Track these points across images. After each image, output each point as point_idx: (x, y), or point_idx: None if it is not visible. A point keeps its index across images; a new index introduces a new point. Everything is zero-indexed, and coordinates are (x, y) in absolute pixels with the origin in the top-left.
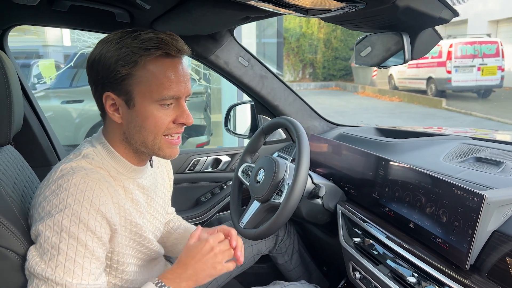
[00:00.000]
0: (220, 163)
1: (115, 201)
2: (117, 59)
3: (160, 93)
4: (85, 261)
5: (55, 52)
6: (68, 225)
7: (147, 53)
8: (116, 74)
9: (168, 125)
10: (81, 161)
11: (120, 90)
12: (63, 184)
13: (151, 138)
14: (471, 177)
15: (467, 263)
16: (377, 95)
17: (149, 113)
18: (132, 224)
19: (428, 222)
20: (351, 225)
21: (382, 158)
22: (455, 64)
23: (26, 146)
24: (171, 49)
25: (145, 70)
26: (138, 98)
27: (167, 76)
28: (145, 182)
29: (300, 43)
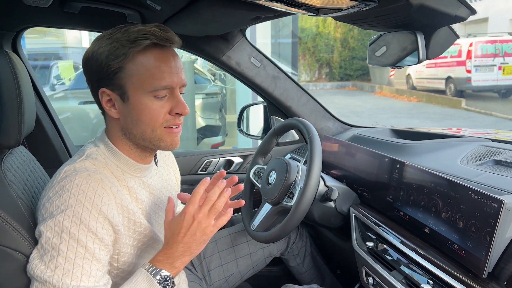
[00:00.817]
0: (232, 164)
1: (118, 201)
2: (108, 54)
3: (152, 84)
4: (85, 262)
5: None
6: (69, 226)
7: (135, 45)
8: (108, 68)
9: (165, 117)
10: (85, 162)
11: (114, 85)
12: (66, 185)
13: (149, 130)
14: (489, 181)
15: (485, 271)
16: (394, 95)
17: (143, 106)
18: (136, 224)
19: (444, 227)
20: (364, 229)
21: (397, 161)
22: (475, 63)
23: (39, 147)
24: (159, 39)
25: (135, 62)
26: (132, 91)
27: (157, 66)
28: (151, 181)
29: (316, 43)
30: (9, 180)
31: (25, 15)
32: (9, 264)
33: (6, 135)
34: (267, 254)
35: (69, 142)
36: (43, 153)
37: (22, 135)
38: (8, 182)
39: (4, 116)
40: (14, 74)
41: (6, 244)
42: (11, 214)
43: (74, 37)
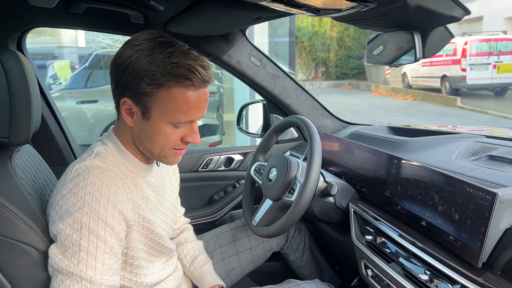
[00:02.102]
0: (232, 161)
1: (129, 197)
2: (144, 74)
3: (177, 117)
4: (105, 256)
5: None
6: (87, 222)
7: (175, 80)
8: (139, 88)
9: (176, 142)
10: (95, 160)
11: (139, 102)
12: (80, 183)
13: (159, 149)
14: (483, 175)
15: (480, 261)
16: (390, 94)
17: (161, 130)
18: (144, 220)
19: (441, 220)
20: (363, 223)
21: (394, 157)
22: (470, 62)
23: (43, 145)
24: (199, 81)
25: (168, 93)
26: (155, 114)
27: (187, 102)
28: (153, 180)
29: (312, 42)
30: (19, 176)
31: (30, 16)
32: (21, 258)
33: (16, 132)
34: (267, 249)
35: (72, 140)
36: (47, 151)
37: (31, 133)
38: (18, 179)
39: (14, 114)
40: (23, 73)
41: (18, 238)
42: (23, 209)
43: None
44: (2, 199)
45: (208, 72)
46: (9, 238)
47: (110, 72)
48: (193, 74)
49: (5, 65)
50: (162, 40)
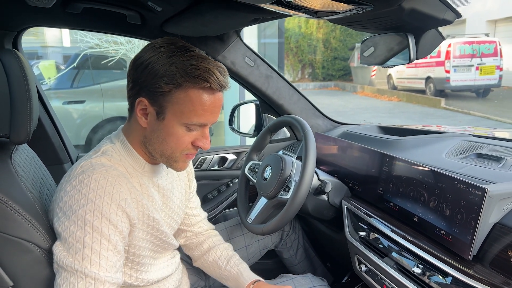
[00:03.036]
0: (226, 161)
1: (133, 196)
2: (163, 74)
3: (190, 119)
4: (109, 254)
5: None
6: (91, 219)
7: (193, 81)
8: (157, 87)
9: (187, 146)
10: (101, 158)
11: (155, 101)
12: (84, 180)
13: (170, 152)
14: (472, 172)
15: (470, 253)
16: (376, 95)
17: (174, 131)
18: (150, 218)
19: (432, 215)
20: (356, 220)
21: (386, 155)
22: (453, 64)
23: (39, 145)
24: (216, 84)
25: (185, 94)
26: (169, 115)
27: (202, 105)
28: (161, 181)
29: (299, 44)
30: (20, 175)
31: (27, 15)
32: (24, 256)
33: (17, 131)
34: (262, 247)
35: (67, 140)
36: (43, 151)
37: (31, 131)
38: (19, 177)
39: (15, 113)
40: (23, 72)
41: (21, 236)
42: (25, 207)
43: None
44: (4, 196)
45: (225, 77)
46: (11, 236)
47: (128, 73)
48: (211, 76)
49: (6, 64)
50: (182, 45)
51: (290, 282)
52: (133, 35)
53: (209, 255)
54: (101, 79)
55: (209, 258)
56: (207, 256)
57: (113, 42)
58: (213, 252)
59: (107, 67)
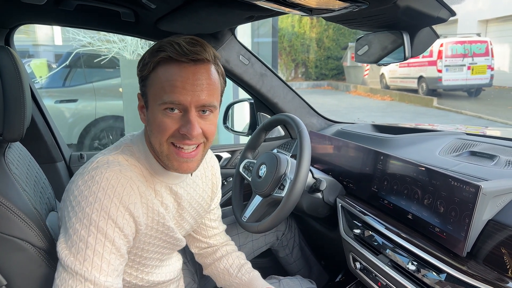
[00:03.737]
0: (220, 159)
1: (144, 201)
2: (141, 61)
3: (161, 97)
4: (111, 257)
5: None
6: (97, 219)
7: (154, 56)
8: (140, 75)
9: (172, 133)
10: (119, 156)
11: (143, 92)
12: (96, 177)
13: (158, 143)
14: (466, 170)
15: (464, 250)
16: (368, 94)
17: (155, 117)
18: (164, 226)
19: (426, 213)
20: (351, 218)
21: (380, 153)
22: (445, 63)
23: (32, 143)
24: (176, 53)
25: (154, 73)
26: (150, 101)
27: (169, 80)
28: (180, 190)
29: (292, 43)
30: (13, 173)
31: (20, 12)
32: (17, 254)
33: (11, 128)
34: (255, 247)
35: (60, 138)
36: (35, 149)
37: (24, 129)
38: (13, 175)
39: (8, 110)
40: (16, 69)
41: (14, 234)
42: (18, 205)
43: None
44: None
45: (194, 47)
46: (5, 234)
47: None
48: (170, 46)
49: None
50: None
51: (278, 284)
52: (127, 33)
53: (220, 262)
54: (93, 78)
55: (220, 265)
56: (218, 263)
57: (106, 40)
58: (225, 259)
59: (100, 65)
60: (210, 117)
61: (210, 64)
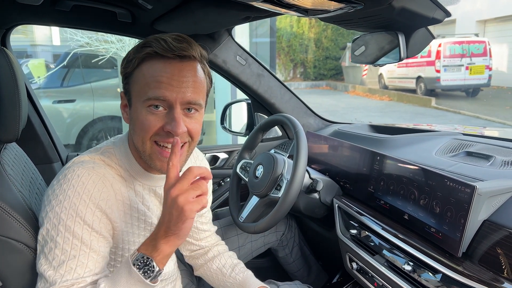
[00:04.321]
0: (217, 160)
1: (119, 198)
2: (126, 58)
3: (146, 93)
4: (81, 254)
5: (44, 51)
6: (65, 218)
7: (139, 52)
8: (123, 73)
9: (156, 131)
10: (96, 156)
11: (126, 90)
12: (68, 175)
13: (140, 142)
14: (462, 170)
15: (460, 250)
16: (367, 94)
17: (138, 114)
18: (146, 223)
19: (422, 213)
20: (347, 218)
21: (377, 153)
22: (444, 63)
23: (28, 144)
24: (161, 48)
25: (139, 69)
26: (134, 98)
27: (154, 76)
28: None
29: (291, 43)
30: (8, 174)
31: (16, 13)
32: (12, 256)
33: (6, 129)
34: (254, 248)
35: (57, 139)
36: (32, 150)
37: (20, 129)
38: (8, 176)
39: (3, 111)
40: (12, 70)
41: (9, 235)
42: (13, 207)
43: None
44: None
45: (181, 44)
46: (0, 235)
47: None
48: (156, 42)
49: None
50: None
51: None
52: (124, 33)
53: (213, 263)
54: (91, 78)
55: (212, 266)
56: (211, 264)
57: (103, 40)
58: (218, 260)
59: (98, 65)
60: (196, 116)
61: (196, 62)
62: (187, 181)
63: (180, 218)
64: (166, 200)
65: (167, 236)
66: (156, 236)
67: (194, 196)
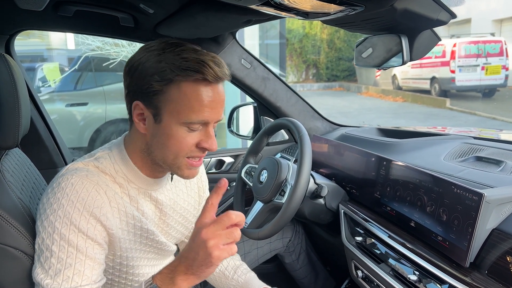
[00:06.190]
0: (223, 164)
1: (114, 205)
2: (153, 72)
3: (188, 116)
4: (77, 262)
5: (59, 55)
6: (59, 226)
7: (184, 74)
8: (149, 87)
9: (191, 148)
10: (90, 163)
11: (150, 103)
12: (62, 183)
13: (172, 157)
14: (471, 176)
15: (467, 260)
16: (380, 96)
17: (173, 133)
18: (142, 229)
19: (429, 220)
20: (353, 225)
21: (383, 158)
22: (459, 64)
23: (32, 149)
24: (210, 74)
25: (178, 90)
26: (166, 116)
27: (199, 100)
28: (161, 196)
29: (303, 44)
30: (8, 180)
31: (19, 19)
32: (10, 263)
33: (5, 136)
34: (260, 255)
35: (62, 144)
36: (36, 155)
37: (20, 136)
38: (7, 183)
39: (2, 118)
40: (11, 76)
41: (6, 242)
42: (11, 213)
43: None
44: None
45: (221, 68)
46: None
47: (123, 79)
48: (204, 67)
49: None
50: (173, 42)
51: None
52: (127, 38)
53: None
54: (103, 81)
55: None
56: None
57: (114, 44)
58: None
59: (109, 69)
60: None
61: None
62: (222, 226)
63: (205, 262)
64: (195, 237)
65: (186, 274)
66: (175, 269)
67: (225, 243)
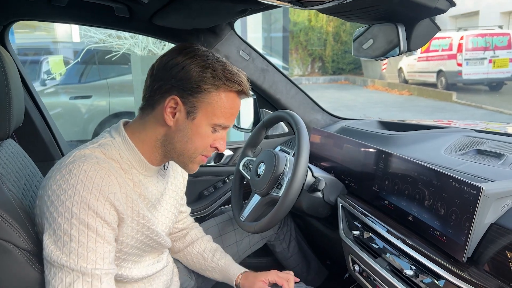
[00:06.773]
0: (222, 157)
1: (123, 191)
2: (201, 75)
3: (220, 120)
4: (97, 246)
5: (64, 48)
6: (78, 211)
7: (229, 84)
8: (196, 87)
9: (207, 147)
10: (96, 149)
11: (189, 101)
12: (73, 170)
13: (192, 151)
14: (471, 170)
15: (464, 255)
16: (386, 89)
17: (201, 131)
18: (140, 216)
19: (427, 214)
20: (351, 218)
21: (382, 151)
22: (466, 57)
23: (28, 141)
24: (246, 90)
25: (219, 96)
26: (201, 115)
27: (231, 108)
28: (155, 181)
29: (308, 37)
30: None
31: (12, 9)
32: (1, 256)
33: None
34: (252, 243)
35: (58, 135)
36: (32, 147)
37: (11, 128)
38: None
39: None
40: (2, 67)
41: None
42: (2, 206)
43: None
44: None
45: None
46: None
47: (155, 74)
48: (243, 82)
49: None
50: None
51: None
52: (122, 28)
53: (193, 247)
54: (107, 74)
55: (193, 250)
56: (191, 249)
57: (117, 37)
58: (197, 244)
59: (112, 62)
60: None
61: None
62: None
63: None
64: None
65: None
66: None
67: None
